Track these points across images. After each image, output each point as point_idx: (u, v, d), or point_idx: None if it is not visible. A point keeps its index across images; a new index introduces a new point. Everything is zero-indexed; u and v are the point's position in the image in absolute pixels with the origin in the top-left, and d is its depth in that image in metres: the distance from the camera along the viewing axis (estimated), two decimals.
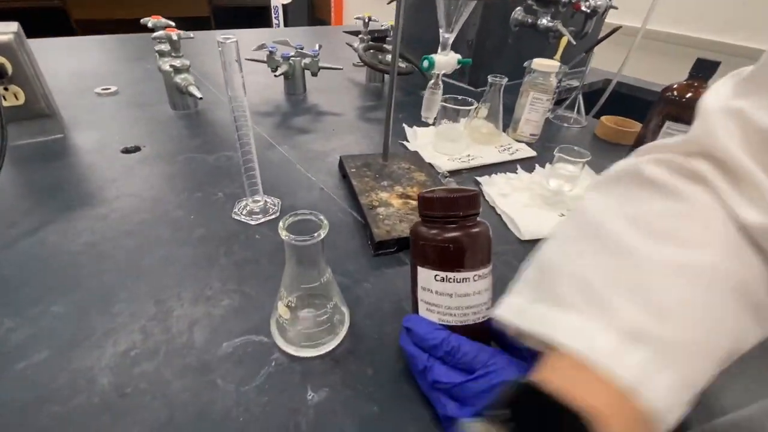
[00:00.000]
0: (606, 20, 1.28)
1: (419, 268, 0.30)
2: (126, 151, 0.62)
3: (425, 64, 0.72)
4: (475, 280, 0.29)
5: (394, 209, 0.49)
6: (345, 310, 0.35)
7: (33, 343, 0.32)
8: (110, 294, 0.37)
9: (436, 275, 0.29)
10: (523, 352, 0.27)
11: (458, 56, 0.74)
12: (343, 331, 0.34)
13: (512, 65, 1.03)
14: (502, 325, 0.25)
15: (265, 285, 0.40)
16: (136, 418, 0.28)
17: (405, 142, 0.73)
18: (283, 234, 0.28)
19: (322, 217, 0.29)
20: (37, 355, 0.32)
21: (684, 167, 0.23)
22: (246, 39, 1.12)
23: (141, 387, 0.30)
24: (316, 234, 0.28)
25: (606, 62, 1.21)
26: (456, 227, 0.29)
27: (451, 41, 0.71)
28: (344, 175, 0.59)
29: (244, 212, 0.50)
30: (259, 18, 3.17)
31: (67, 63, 0.99)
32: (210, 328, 0.35)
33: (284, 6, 3.00)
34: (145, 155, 0.62)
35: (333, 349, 0.34)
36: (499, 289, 0.30)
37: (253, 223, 0.48)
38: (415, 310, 0.31)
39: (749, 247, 0.21)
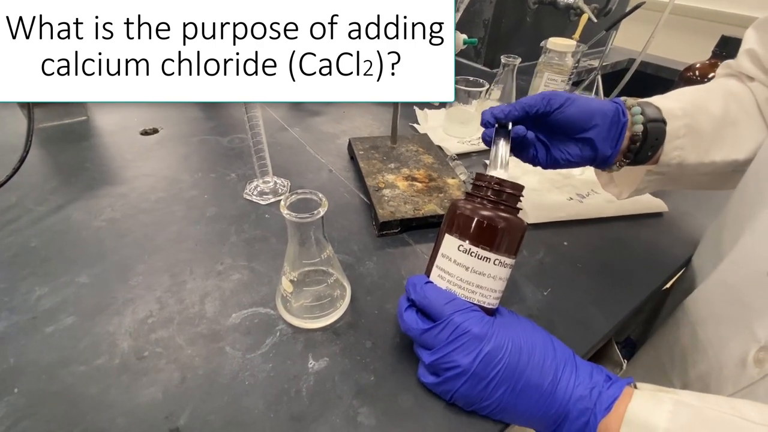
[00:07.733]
0: None
1: (446, 236, 0.31)
2: (145, 133, 0.65)
3: None
4: (495, 264, 0.29)
5: (399, 191, 0.50)
6: (347, 285, 0.37)
7: (61, 310, 0.35)
8: (129, 267, 0.40)
9: (460, 245, 0.29)
10: None
11: (464, 36, 0.73)
12: (344, 306, 0.36)
13: (530, 45, 1.00)
14: None
15: (273, 261, 0.42)
16: (152, 379, 0.31)
17: (415, 125, 0.73)
18: (285, 212, 0.29)
19: (321, 196, 0.30)
20: (65, 320, 0.35)
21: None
22: None
23: (157, 351, 0.33)
24: (315, 212, 0.29)
25: (631, 41, 1.15)
26: (496, 208, 0.30)
27: (456, 19, 0.70)
28: (352, 157, 0.60)
29: (255, 192, 0.52)
30: None
31: None
32: (220, 300, 0.37)
33: None
34: (162, 137, 0.64)
35: (334, 322, 0.36)
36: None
37: (263, 203, 0.50)
38: (428, 275, 0.32)
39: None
